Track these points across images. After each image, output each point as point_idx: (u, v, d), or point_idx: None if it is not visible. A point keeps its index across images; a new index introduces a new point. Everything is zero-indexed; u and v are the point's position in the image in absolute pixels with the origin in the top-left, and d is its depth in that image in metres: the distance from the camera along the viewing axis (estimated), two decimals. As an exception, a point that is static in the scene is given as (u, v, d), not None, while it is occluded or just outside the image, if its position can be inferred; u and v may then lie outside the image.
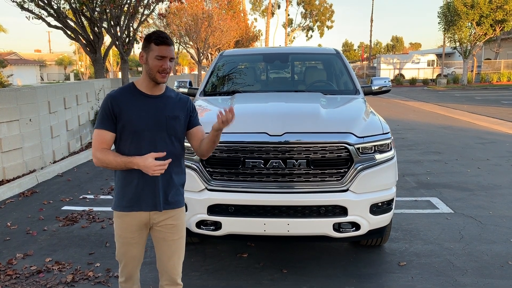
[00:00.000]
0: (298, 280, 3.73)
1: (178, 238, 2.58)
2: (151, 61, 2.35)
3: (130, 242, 2.53)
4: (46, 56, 68.91)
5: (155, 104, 2.43)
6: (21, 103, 7.18)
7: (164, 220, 2.51)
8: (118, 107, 2.37)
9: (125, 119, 2.37)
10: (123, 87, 2.48)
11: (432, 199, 5.93)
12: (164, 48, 2.34)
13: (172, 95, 2.53)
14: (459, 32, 31.55)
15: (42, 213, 5.58)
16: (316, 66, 6.23)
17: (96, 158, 2.35)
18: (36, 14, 11.33)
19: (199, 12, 24.95)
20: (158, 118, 2.41)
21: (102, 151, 2.35)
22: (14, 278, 3.80)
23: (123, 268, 2.63)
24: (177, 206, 2.55)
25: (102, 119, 2.39)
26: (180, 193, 2.57)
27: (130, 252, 2.57)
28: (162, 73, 2.36)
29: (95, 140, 2.39)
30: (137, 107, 2.40)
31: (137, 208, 2.45)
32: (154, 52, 2.35)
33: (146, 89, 2.44)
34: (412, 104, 20.69)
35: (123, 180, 2.45)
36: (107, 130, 2.38)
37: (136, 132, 2.38)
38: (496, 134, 11.27)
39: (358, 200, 3.46)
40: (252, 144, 3.43)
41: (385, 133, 3.66)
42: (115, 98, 2.39)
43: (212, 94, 5.11)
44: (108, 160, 2.33)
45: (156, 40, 2.35)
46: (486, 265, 3.96)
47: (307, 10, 63.22)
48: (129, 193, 2.44)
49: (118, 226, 2.53)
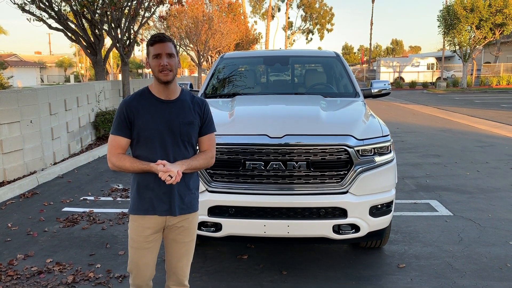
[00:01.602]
0: (298, 282, 3.75)
1: (189, 241, 2.61)
2: (151, 62, 2.40)
3: (145, 247, 2.51)
4: (46, 58, 69.03)
5: (169, 110, 2.45)
6: (22, 104, 7.20)
7: (178, 222, 2.53)
8: (133, 113, 2.40)
9: (139, 125, 2.40)
10: (138, 92, 2.50)
11: (431, 201, 5.95)
12: (158, 46, 2.37)
13: (187, 99, 2.54)
14: (459, 36, 31.61)
15: (42, 214, 5.60)
16: (316, 69, 6.26)
17: (112, 163, 2.40)
18: (37, 16, 11.36)
19: (199, 15, 25.01)
20: (172, 124, 2.43)
21: (117, 157, 2.39)
22: (15, 279, 3.82)
23: (135, 278, 2.59)
24: (193, 210, 2.57)
25: (117, 125, 2.42)
26: (195, 197, 2.59)
27: (144, 258, 2.54)
28: (163, 71, 2.37)
29: (110, 145, 2.42)
30: (151, 113, 2.42)
31: (152, 212, 2.46)
32: (151, 53, 2.39)
33: (159, 93, 2.46)
34: (412, 107, 20.72)
35: (140, 184, 2.46)
36: (122, 136, 2.42)
37: (150, 138, 2.41)
38: (496, 138, 11.30)
39: (357, 202, 3.48)
40: (252, 146, 3.45)
41: (385, 136, 3.68)
42: (130, 104, 2.42)
43: (212, 97, 5.13)
44: (125, 166, 2.37)
45: (150, 41, 2.39)
46: (485, 268, 3.98)
47: (307, 13, 63.38)
48: (145, 196, 2.46)
49: (133, 229, 2.51)
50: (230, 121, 3.77)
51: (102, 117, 10.68)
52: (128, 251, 2.59)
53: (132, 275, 2.60)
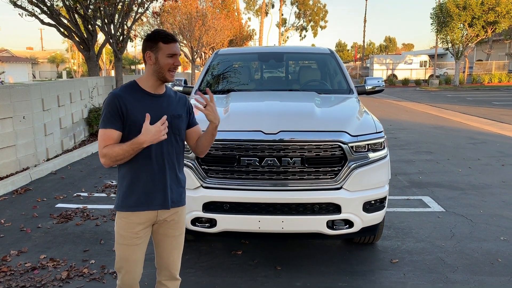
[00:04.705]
0: (292, 277, 3.77)
1: (179, 234, 2.60)
2: (162, 60, 2.34)
3: (134, 243, 2.44)
4: (38, 53, 68.43)
5: (160, 104, 2.42)
6: (14, 100, 7.15)
7: (169, 216, 2.52)
8: (126, 106, 2.32)
9: (131, 119, 2.32)
10: (126, 85, 2.44)
11: (424, 198, 6.00)
12: (173, 46, 2.35)
13: (172, 94, 2.54)
14: (451, 33, 31.79)
15: (36, 210, 5.57)
16: (311, 66, 6.28)
17: (104, 155, 2.26)
18: (29, 11, 11.27)
19: (193, 11, 24.94)
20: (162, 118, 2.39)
21: (107, 147, 2.27)
22: (8, 275, 3.81)
23: (123, 277, 2.51)
24: (182, 204, 2.57)
25: (108, 118, 2.31)
26: (184, 190, 2.60)
27: (133, 255, 2.46)
28: (172, 71, 2.37)
29: (101, 139, 2.30)
30: (143, 106, 2.35)
31: (145, 207, 2.40)
32: (164, 50, 2.33)
33: (150, 88, 2.42)
34: (405, 104, 20.84)
35: (131, 177, 2.38)
36: (115, 129, 2.30)
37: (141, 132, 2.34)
38: (487, 135, 11.40)
39: (351, 198, 3.51)
40: (247, 142, 3.46)
41: (379, 132, 3.71)
42: (121, 97, 2.33)
43: (207, 93, 5.11)
44: (116, 152, 2.24)
45: (164, 39, 2.34)
46: (476, 263, 4.03)
47: (301, 10, 63.36)
48: (138, 191, 2.38)
49: (122, 226, 2.42)
50: (225, 117, 3.77)
51: (95, 113, 10.62)
52: (116, 250, 2.49)
53: (120, 274, 2.51)
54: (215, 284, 3.66)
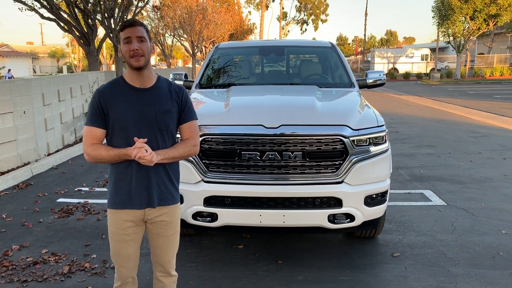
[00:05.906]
0: (293, 271, 3.77)
1: (173, 234, 2.56)
2: (122, 48, 2.31)
3: (124, 240, 2.45)
4: (38, 48, 68.37)
5: (144, 98, 2.35)
6: (15, 95, 7.14)
7: (158, 217, 2.47)
8: (106, 103, 2.31)
9: (113, 115, 2.31)
10: (112, 81, 2.42)
11: (425, 191, 6.00)
12: (128, 30, 2.28)
13: (164, 86, 2.44)
14: (453, 27, 31.65)
15: (37, 205, 5.58)
16: (312, 59, 6.25)
17: (87, 154, 2.31)
18: (29, 5, 11.25)
19: (193, 5, 24.85)
20: (147, 113, 2.33)
21: (92, 147, 2.30)
22: (10, 269, 3.81)
23: (118, 270, 2.54)
24: (172, 203, 2.49)
25: (91, 116, 2.33)
26: (175, 189, 2.51)
27: (125, 250, 2.47)
28: (134, 57, 2.27)
29: (85, 136, 2.34)
30: (125, 102, 2.32)
31: (130, 206, 2.39)
32: (121, 38, 2.30)
33: (132, 81, 2.37)
34: (406, 98, 20.79)
35: (117, 176, 2.39)
36: (97, 127, 2.32)
37: (125, 128, 2.32)
38: (489, 128, 11.37)
39: (352, 192, 3.50)
40: (248, 136, 3.45)
41: (380, 126, 3.69)
42: (103, 94, 2.33)
43: (207, 87, 5.11)
44: (101, 155, 2.28)
45: (120, 27, 2.32)
46: (478, 256, 4.03)
47: (302, 4, 63.00)
48: (123, 190, 2.38)
49: (112, 223, 2.45)
50: (226, 112, 3.76)
51: (96, 108, 10.60)
52: (110, 244, 2.53)
53: (116, 266, 2.54)
54: (217, 278, 3.67)
